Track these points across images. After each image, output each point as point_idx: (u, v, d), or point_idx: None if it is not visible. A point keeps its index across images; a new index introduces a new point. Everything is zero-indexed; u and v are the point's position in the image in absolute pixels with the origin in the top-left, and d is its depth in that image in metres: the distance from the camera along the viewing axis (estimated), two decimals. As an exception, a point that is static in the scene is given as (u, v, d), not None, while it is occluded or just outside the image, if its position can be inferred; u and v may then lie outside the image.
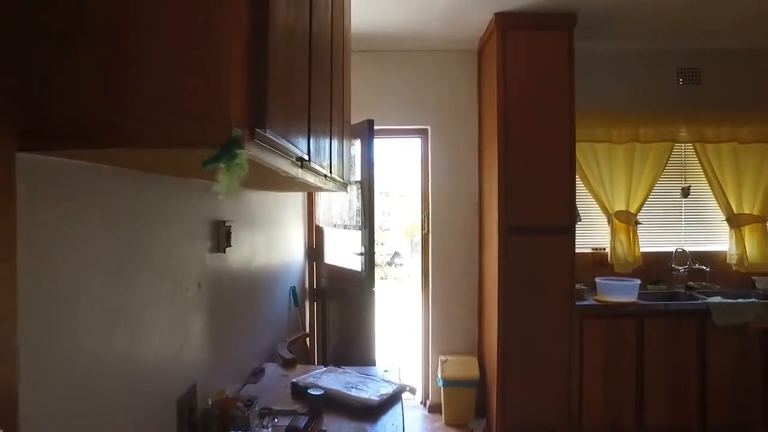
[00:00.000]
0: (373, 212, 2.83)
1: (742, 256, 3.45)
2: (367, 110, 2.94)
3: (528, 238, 2.85)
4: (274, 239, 2.56)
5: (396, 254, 10.27)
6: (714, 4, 2.88)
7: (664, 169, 3.42)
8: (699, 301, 2.99)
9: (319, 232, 3.51)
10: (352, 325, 3.06)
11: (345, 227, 3.05)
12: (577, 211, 3.02)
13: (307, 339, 2.88)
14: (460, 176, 3.37)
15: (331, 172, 2.24)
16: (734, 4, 2.88)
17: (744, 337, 2.94)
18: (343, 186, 2.61)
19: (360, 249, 2.87)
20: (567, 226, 2.87)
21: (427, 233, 3.42)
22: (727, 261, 3.51)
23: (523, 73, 2.83)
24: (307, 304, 3.47)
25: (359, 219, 2.89)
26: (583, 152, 3.28)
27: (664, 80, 3.51)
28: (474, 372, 3.21)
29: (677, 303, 2.99)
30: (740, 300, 2.97)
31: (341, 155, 2.54)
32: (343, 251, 3.19)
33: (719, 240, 3.58)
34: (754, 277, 3.49)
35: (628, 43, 3.39)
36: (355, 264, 2.95)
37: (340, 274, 3.22)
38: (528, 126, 2.83)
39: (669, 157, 3.41)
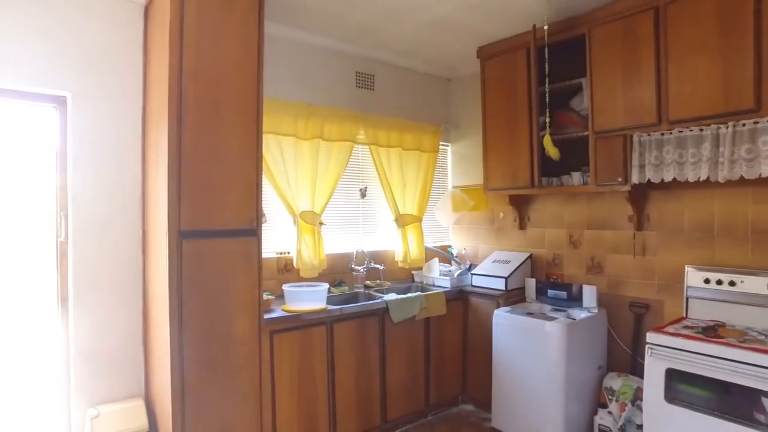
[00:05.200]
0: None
1: (406, 254, 3.97)
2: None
3: (207, 243, 2.43)
4: None
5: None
6: (385, 22, 3.25)
7: (346, 168, 3.59)
8: (378, 300, 3.22)
9: None
10: None
11: None
12: (263, 210, 2.80)
13: None
14: (115, 165, 2.65)
15: None
16: (401, 26, 3.31)
17: (412, 328, 3.34)
18: None
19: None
20: (253, 228, 2.60)
21: (66, 242, 2.55)
22: (395, 258, 3.99)
23: (204, 39, 2.38)
24: None
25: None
26: (268, 145, 3.10)
27: (345, 81, 3.72)
28: (140, 422, 2.56)
29: (361, 304, 3.13)
30: (409, 295, 3.36)
31: None
32: None
33: (389, 239, 4.03)
34: (413, 272, 4.08)
35: (316, 36, 3.45)
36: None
37: None
38: (208, 108, 2.40)
39: (350, 156, 3.61)
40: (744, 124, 2.40)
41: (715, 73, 2.50)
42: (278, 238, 3.35)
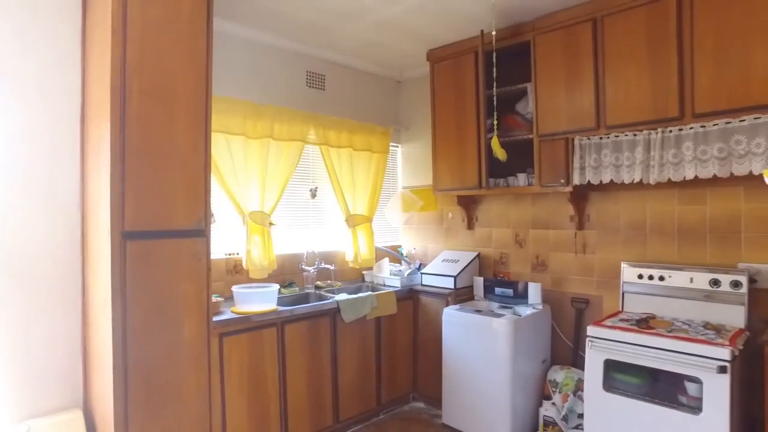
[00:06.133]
0: None
1: (356, 254, 4.03)
2: None
3: (152, 244, 2.38)
4: None
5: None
6: (336, 22, 3.30)
7: (296, 168, 3.60)
8: (330, 300, 3.25)
9: None
10: None
11: None
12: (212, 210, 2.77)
13: None
14: (50, 162, 2.54)
15: None
16: (351, 27, 3.37)
17: (364, 327, 3.40)
18: None
19: None
20: (201, 228, 2.57)
21: (-6, 244, 2.42)
22: (346, 259, 4.03)
23: (149, 33, 2.33)
24: None
25: None
26: (217, 144, 3.06)
27: (296, 80, 3.73)
28: (76, 433, 2.48)
29: (312, 305, 3.15)
30: (360, 295, 3.42)
31: None
32: None
33: (340, 239, 4.07)
34: (363, 272, 4.14)
35: (266, 35, 3.46)
36: None
37: None
38: (154, 105, 2.35)
39: (300, 156, 3.62)
40: (671, 131, 2.63)
41: (645, 83, 2.73)
42: (227, 238, 3.32)
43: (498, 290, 3.54)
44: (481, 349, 3.16)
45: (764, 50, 2.36)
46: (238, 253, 3.35)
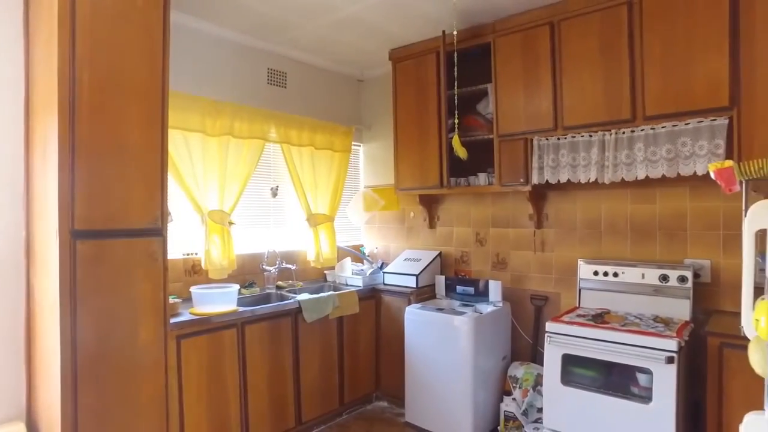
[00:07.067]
0: None
1: (318, 253, 4.00)
2: None
3: (105, 244, 2.29)
4: None
5: None
6: (298, 19, 3.28)
7: (257, 167, 3.55)
8: (291, 300, 3.22)
9: None
10: None
11: None
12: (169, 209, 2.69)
13: None
14: (-7, 157, 2.41)
15: None
16: (313, 24, 3.35)
17: (326, 327, 3.38)
18: None
19: None
20: (158, 227, 2.49)
21: (-71, 245, 2.27)
22: (308, 258, 4.00)
23: (100, 24, 2.24)
24: None
25: None
26: (174, 141, 2.98)
27: (257, 77, 3.68)
28: (21, 444, 2.35)
29: (273, 305, 3.10)
30: (322, 294, 3.40)
31: None
32: None
33: (301, 239, 4.03)
34: (325, 271, 4.12)
35: (227, 30, 3.40)
36: None
37: None
38: (106, 99, 2.27)
39: (261, 155, 3.56)
40: (624, 132, 2.75)
41: (599, 86, 2.84)
42: (185, 238, 3.23)
43: (459, 288, 3.59)
44: (443, 347, 3.20)
45: (704, 61, 2.51)
46: (196, 253, 3.27)
